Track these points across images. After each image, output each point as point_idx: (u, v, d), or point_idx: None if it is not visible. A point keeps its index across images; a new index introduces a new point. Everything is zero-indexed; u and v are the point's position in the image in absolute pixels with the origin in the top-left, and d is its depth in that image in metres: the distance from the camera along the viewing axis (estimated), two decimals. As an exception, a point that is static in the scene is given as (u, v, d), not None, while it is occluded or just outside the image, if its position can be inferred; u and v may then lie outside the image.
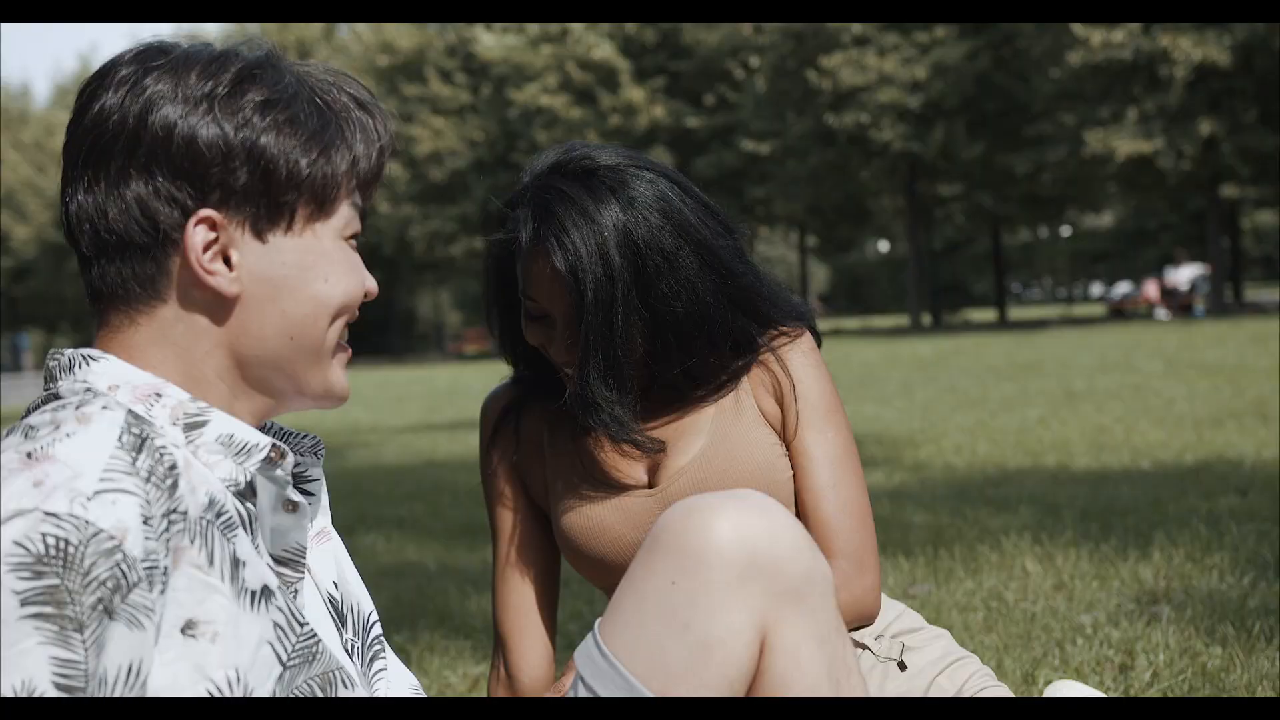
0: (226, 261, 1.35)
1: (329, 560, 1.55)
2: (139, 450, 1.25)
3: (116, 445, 1.23)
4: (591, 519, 2.12)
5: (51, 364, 1.38)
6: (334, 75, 1.43)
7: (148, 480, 1.23)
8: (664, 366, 2.06)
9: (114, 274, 1.35)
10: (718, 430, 2.12)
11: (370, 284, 1.45)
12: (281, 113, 1.35)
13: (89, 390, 1.33)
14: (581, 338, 1.98)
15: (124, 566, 1.18)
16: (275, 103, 1.35)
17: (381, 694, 1.55)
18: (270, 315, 1.37)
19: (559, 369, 2.08)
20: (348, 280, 1.41)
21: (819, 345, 2.20)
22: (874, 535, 2.11)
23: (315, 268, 1.39)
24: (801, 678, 1.52)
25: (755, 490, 1.65)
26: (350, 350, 1.47)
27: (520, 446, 2.22)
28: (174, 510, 1.25)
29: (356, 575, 1.60)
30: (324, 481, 1.54)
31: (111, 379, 1.34)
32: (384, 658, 1.58)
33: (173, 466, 1.27)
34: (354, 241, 1.44)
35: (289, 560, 1.44)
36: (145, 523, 1.21)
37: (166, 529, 1.23)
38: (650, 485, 2.13)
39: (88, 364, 1.35)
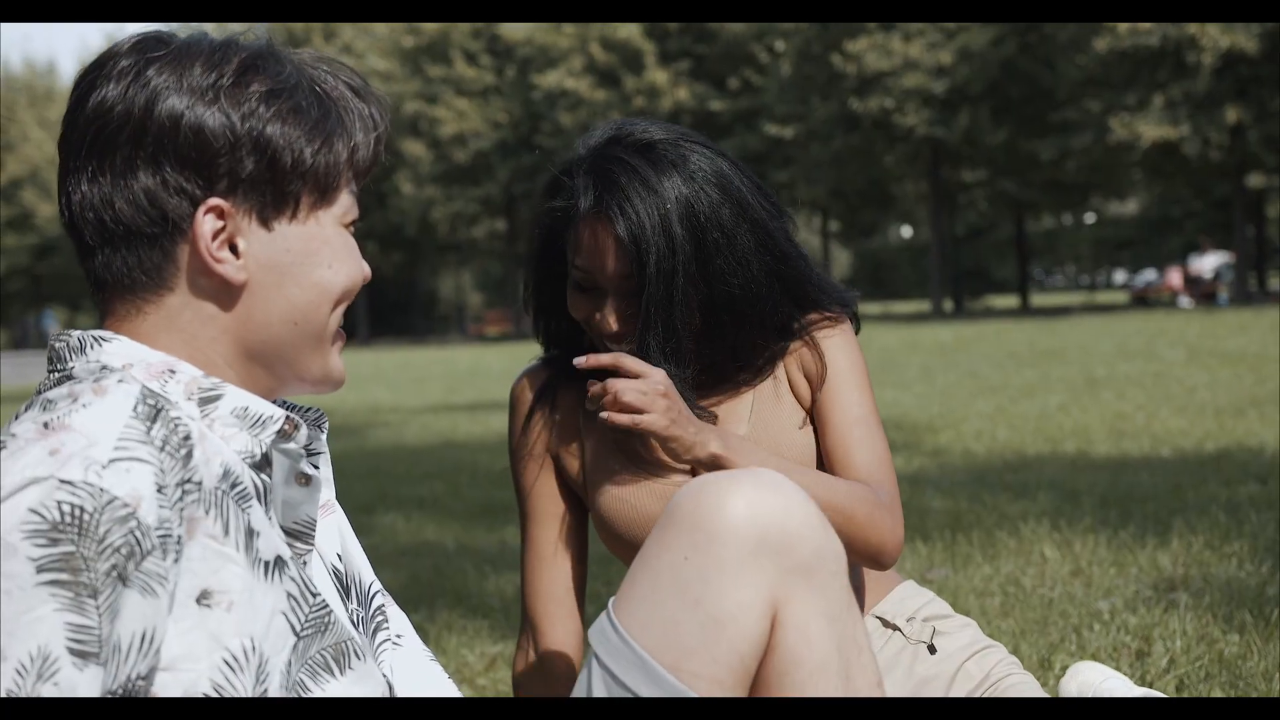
0: (233, 249, 1.36)
1: (333, 533, 1.56)
2: (154, 420, 1.26)
3: (131, 415, 1.25)
4: (635, 506, 2.09)
5: (59, 345, 1.39)
6: (329, 64, 1.45)
7: (162, 449, 1.25)
8: (713, 344, 2.05)
9: (120, 263, 1.36)
10: (759, 419, 2.11)
11: (366, 269, 1.47)
12: (285, 102, 1.37)
13: (105, 367, 1.34)
14: (642, 309, 1.97)
15: (138, 534, 1.19)
16: (279, 92, 1.37)
17: (388, 665, 1.56)
18: (276, 302, 1.39)
19: (599, 344, 2.06)
20: (349, 266, 1.43)
21: (857, 330, 2.19)
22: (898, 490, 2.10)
23: (319, 254, 1.41)
24: (811, 654, 1.53)
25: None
26: (345, 336, 1.50)
27: (555, 428, 2.19)
28: (188, 480, 1.26)
29: (358, 546, 1.61)
30: (328, 455, 1.55)
31: (125, 357, 1.35)
32: (386, 628, 1.59)
33: (187, 437, 1.29)
34: (352, 228, 1.46)
35: (299, 533, 1.46)
36: (159, 491, 1.22)
37: (180, 498, 1.25)
38: (693, 474, 2.10)
39: (100, 344, 1.36)
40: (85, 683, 1.17)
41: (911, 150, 37.63)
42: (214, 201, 1.34)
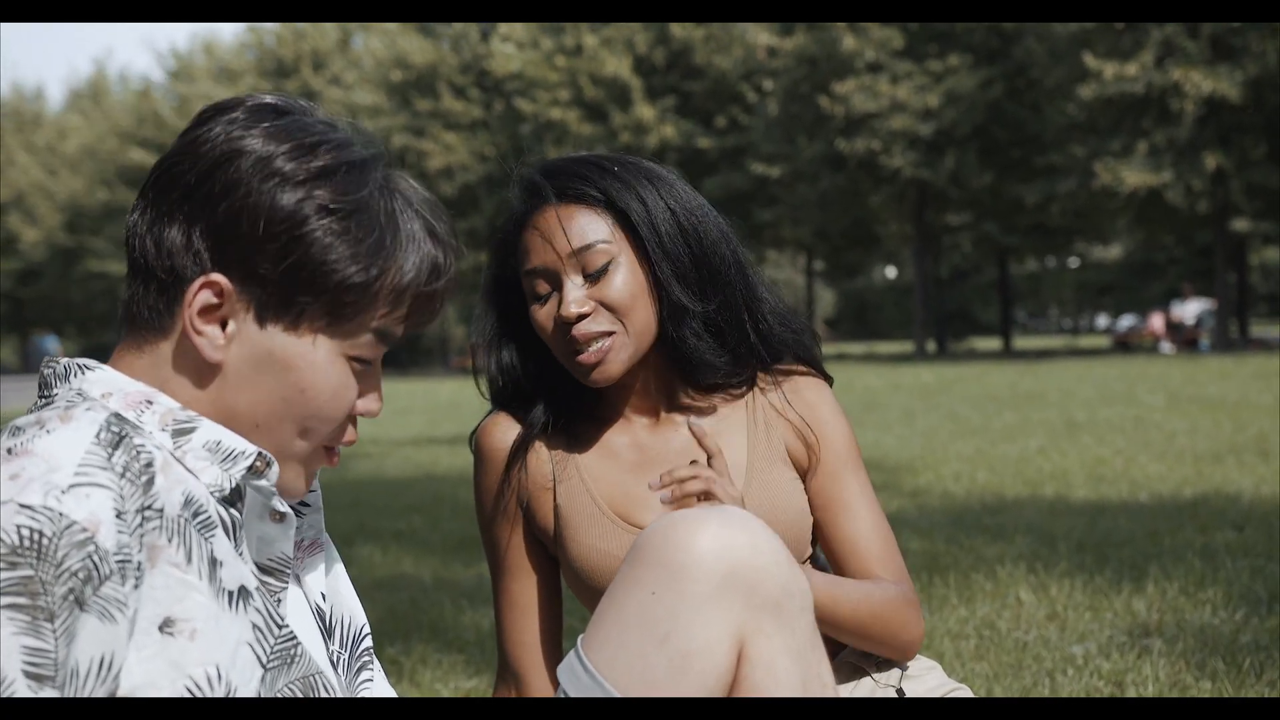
0: (224, 328, 1.38)
1: (319, 571, 1.56)
2: (116, 447, 1.27)
3: (93, 441, 1.26)
4: (616, 555, 2.04)
5: (46, 372, 1.41)
6: (420, 199, 1.44)
7: (122, 475, 1.26)
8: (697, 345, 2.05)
9: (140, 296, 1.39)
10: (757, 477, 2.08)
11: (364, 405, 1.46)
12: (338, 221, 1.36)
13: (80, 394, 1.36)
14: (651, 254, 2.00)
15: (96, 558, 1.20)
16: (336, 209, 1.36)
17: None
18: (244, 395, 1.40)
19: (572, 365, 2.03)
20: (326, 398, 1.42)
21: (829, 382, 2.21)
22: None
23: (297, 373, 1.40)
24: (776, 690, 1.54)
25: (757, 519, 1.64)
26: (334, 458, 1.48)
27: (527, 483, 2.14)
28: (149, 507, 1.27)
29: (350, 588, 1.61)
30: (320, 494, 1.56)
31: (105, 386, 1.37)
32: (371, 668, 1.59)
33: (149, 464, 1.29)
34: (359, 365, 1.43)
35: (274, 569, 1.46)
36: (119, 516, 1.23)
37: (141, 525, 1.26)
38: None
39: (83, 373, 1.39)
40: None
41: (897, 192, 37.74)
42: (213, 277, 1.35)
